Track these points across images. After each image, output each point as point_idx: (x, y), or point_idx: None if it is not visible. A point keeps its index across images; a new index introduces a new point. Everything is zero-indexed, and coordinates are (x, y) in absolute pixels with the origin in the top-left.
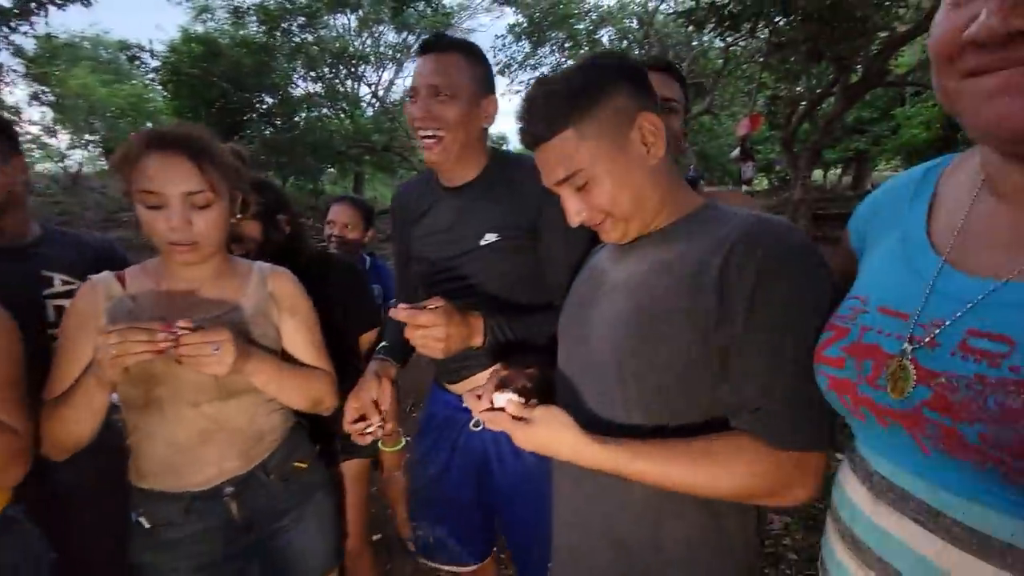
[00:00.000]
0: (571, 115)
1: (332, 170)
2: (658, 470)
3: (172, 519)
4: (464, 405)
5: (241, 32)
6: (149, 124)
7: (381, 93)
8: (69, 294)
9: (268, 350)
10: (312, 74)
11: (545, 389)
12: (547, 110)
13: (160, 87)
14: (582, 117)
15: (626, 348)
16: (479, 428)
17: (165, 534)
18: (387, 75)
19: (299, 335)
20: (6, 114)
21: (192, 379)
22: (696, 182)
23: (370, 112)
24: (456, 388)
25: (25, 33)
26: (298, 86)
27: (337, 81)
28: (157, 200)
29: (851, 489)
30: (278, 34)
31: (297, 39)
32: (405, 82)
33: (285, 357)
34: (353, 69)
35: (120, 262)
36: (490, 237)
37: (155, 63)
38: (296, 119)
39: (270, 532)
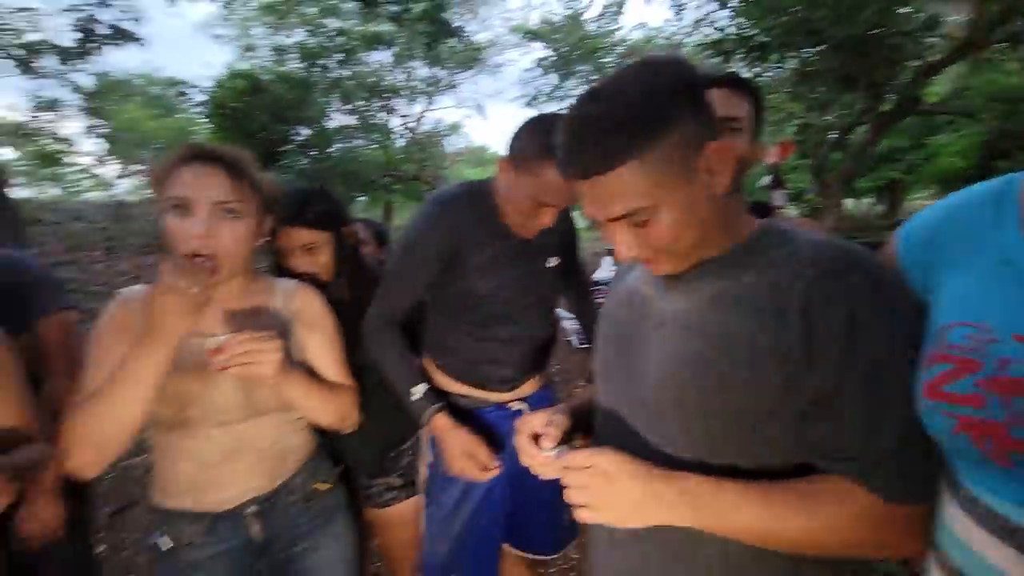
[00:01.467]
0: (634, 145)
1: (363, 199)
2: (762, 521)
3: (193, 539)
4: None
5: (282, 68)
6: None
7: (412, 124)
8: None
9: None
10: (347, 107)
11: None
12: (605, 139)
13: (205, 119)
14: (647, 147)
15: (693, 390)
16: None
17: (187, 555)
18: (418, 108)
19: (323, 351)
20: (62, 146)
21: (222, 399)
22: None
23: (401, 142)
24: (501, 397)
25: (83, 71)
26: (333, 119)
27: (370, 113)
28: (185, 206)
29: (961, 529)
30: (317, 70)
31: (334, 74)
32: (435, 114)
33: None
34: (386, 102)
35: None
36: (552, 261)
37: (201, 97)
38: (330, 150)
39: (289, 555)
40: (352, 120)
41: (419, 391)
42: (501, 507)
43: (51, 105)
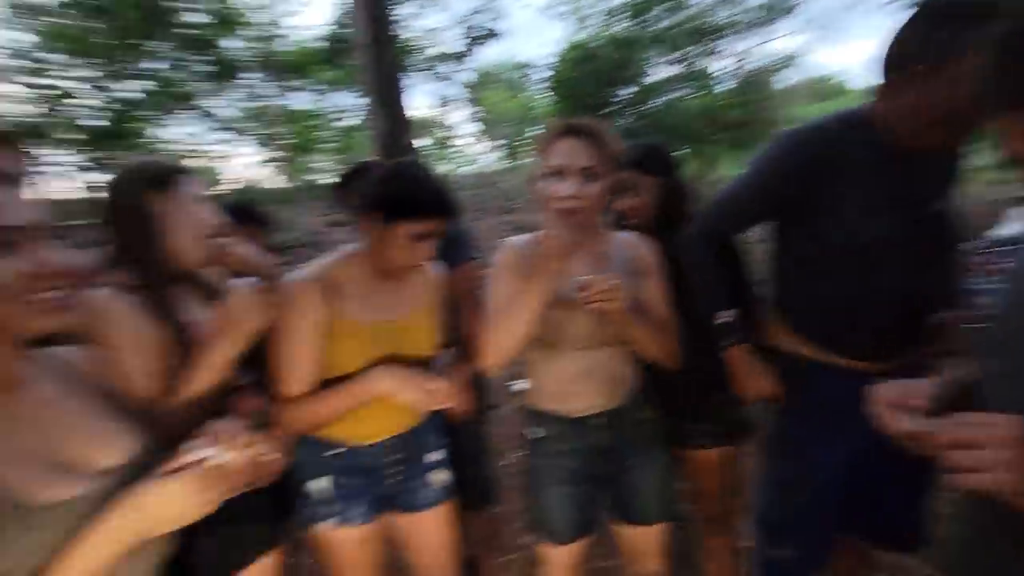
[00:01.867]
0: None
1: (686, 151)
2: None
3: (555, 434)
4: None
5: (611, 31)
6: (537, 127)
7: (738, 65)
8: None
9: None
10: (670, 58)
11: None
12: None
13: (546, 94)
14: None
15: None
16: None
17: (552, 445)
18: (745, 45)
19: (654, 293)
20: (451, 132)
21: (579, 329)
22: None
23: (725, 87)
24: (855, 365)
25: (465, 69)
26: (654, 73)
27: (692, 61)
28: (560, 172)
29: None
30: (643, 23)
31: (658, 26)
32: (766, 48)
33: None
34: (709, 45)
35: None
36: (944, 202)
37: (544, 74)
38: (650, 106)
39: (622, 467)
40: (675, 70)
41: (727, 316)
42: (844, 489)
43: (446, 101)
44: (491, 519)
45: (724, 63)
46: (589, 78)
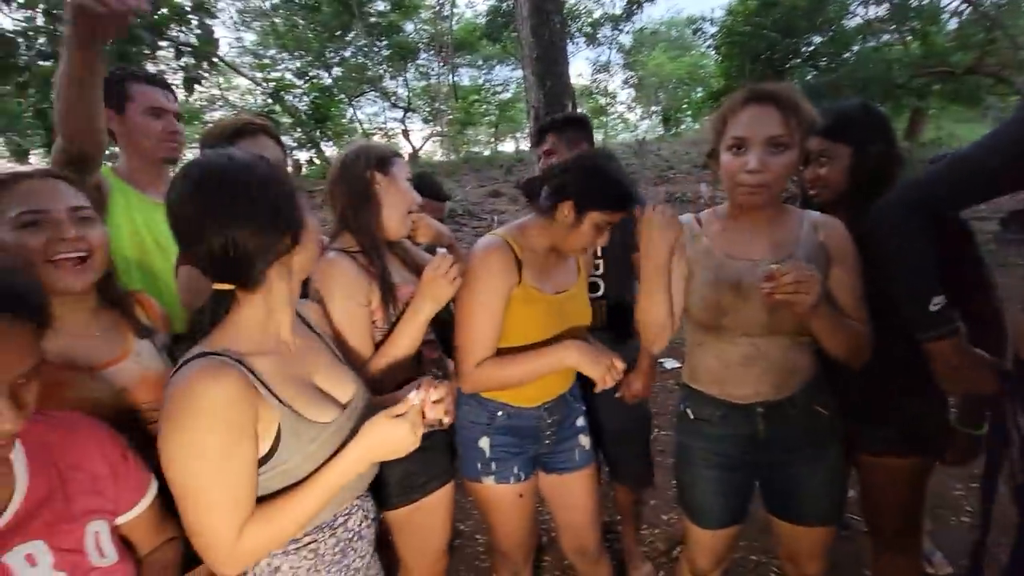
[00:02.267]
0: None
1: (886, 107)
2: None
3: (711, 418)
4: None
5: None
6: (700, 90)
7: None
8: None
9: None
10: None
11: None
12: None
13: (714, 52)
14: None
15: None
16: None
17: (705, 428)
18: None
19: (845, 283)
20: (605, 99)
21: (749, 315)
22: None
23: (953, 24)
24: None
25: (626, 31)
26: (855, 15)
27: None
28: (741, 144)
29: None
30: None
31: None
32: None
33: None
34: None
35: None
36: None
37: (713, 29)
38: (846, 55)
39: (782, 460)
40: (880, 11)
41: (940, 302)
42: None
43: (604, 67)
44: (632, 492)
45: None
46: (771, 29)
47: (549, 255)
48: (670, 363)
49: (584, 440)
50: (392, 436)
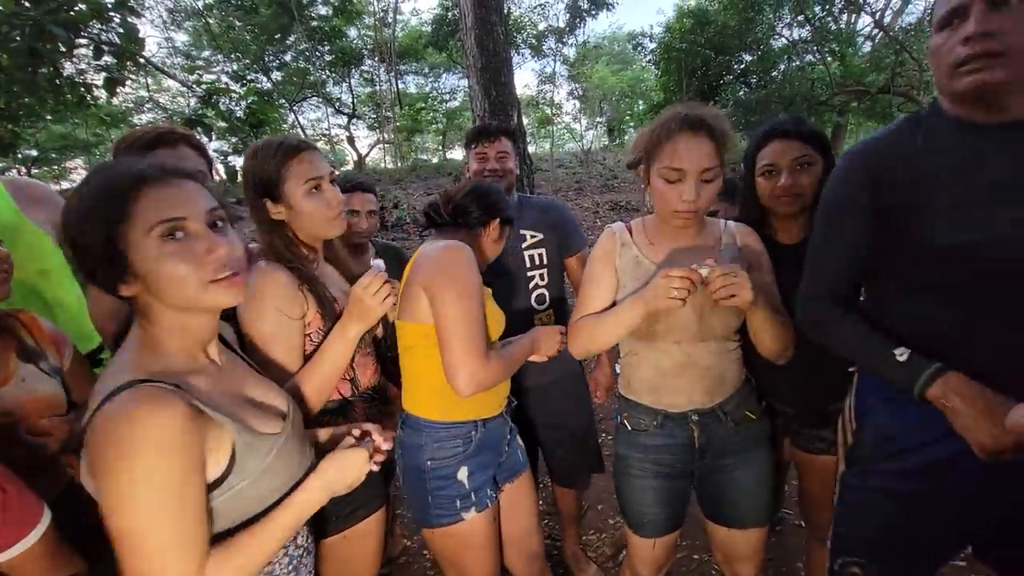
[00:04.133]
0: None
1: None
2: None
3: (648, 428)
4: None
5: None
6: (642, 103)
7: (887, 20)
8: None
9: None
10: (800, 18)
11: None
12: None
13: (654, 67)
14: None
15: None
16: None
17: (641, 438)
18: None
19: (762, 285)
20: (551, 110)
21: (680, 321)
22: None
23: (867, 48)
24: None
25: (569, 44)
26: (781, 36)
27: (829, 19)
28: (678, 176)
29: None
30: None
31: None
32: (923, 2)
33: None
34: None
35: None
36: None
37: (652, 45)
38: (774, 73)
39: (718, 465)
40: (804, 33)
41: (903, 352)
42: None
43: (550, 78)
44: (576, 495)
45: (867, 20)
46: (704, 47)
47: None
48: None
49: (519, 440)
50: (351, 467)
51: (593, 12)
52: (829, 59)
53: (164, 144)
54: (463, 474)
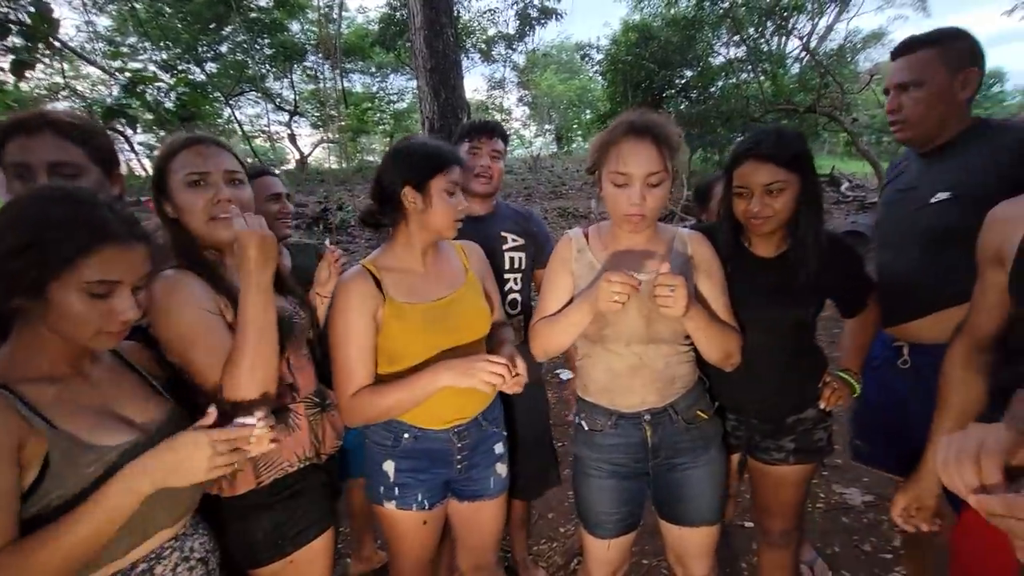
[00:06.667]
0: None
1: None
2: None
3: (604, 428)
4: None
5: (672, 11)
6: (588, 112)
7: (813, 44)
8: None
9: None
10: (736, 38)
11: None
12: None
13: (600, 77)
14: None
15: None
16: None
17: (597, 438)
18: (824, 22)
19: (713, 294)
20: (500, 115)
21: (629, 324)
22: None
23: (796, 69)
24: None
25: (519, 51)
26: (719, 54)
27: (763, 40)
28: (625, 180)
29: None
30: (707, 3)
31: (725, 4)
32: (847, 26)
33: None
34: (783, 23)
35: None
36: (941, 195)
37: (599, 56)
38: (712, 89)
39: (670, 464)
40: (740, 52)
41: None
42: None
43: (500, 84)
44: (526, 506)
45: (796, 43)
46: (649, 60)
47: (423, 263)
48: (566, 374)
49: (501, 468)
50: (182, 455)
51: (542, 20)
52: (762, 78)
53: (22, 132)
54: (389, 467)
